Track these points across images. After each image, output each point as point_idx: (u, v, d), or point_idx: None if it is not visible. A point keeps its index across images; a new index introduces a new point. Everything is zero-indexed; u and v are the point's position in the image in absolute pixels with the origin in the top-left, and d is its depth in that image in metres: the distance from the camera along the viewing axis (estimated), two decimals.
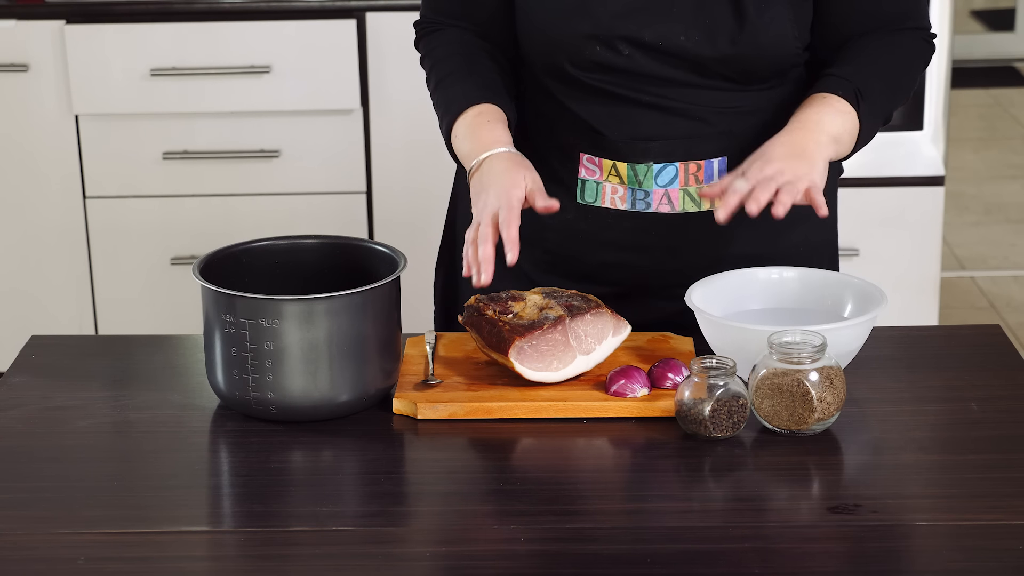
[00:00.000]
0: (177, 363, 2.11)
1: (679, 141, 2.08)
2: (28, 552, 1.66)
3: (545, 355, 1.95)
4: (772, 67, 2.07)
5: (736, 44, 2.02)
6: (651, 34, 2.02)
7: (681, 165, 2.08)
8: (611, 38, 2.03)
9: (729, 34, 2.02)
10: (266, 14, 3.62)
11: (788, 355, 1.85)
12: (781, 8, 2.03)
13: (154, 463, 1.85)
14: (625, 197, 2.10)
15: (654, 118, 2.07)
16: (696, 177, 2.08)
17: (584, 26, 2.03)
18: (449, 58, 2.15)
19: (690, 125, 2.07)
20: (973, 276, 4.83)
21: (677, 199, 2.09)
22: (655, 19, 2.02)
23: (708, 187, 1.99)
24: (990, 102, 6.59)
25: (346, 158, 3.71)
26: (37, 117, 3.67)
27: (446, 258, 2.33)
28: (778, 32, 2.04)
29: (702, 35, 2.02)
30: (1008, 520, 1.69)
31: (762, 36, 2.03)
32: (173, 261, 3.76)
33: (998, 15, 7.22)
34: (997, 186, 5.60)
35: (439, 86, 2.15)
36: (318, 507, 1.74)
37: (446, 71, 2.14)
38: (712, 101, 2.07)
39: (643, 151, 2.08)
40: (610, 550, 1.65)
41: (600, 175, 2.10)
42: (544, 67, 2.10)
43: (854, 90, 2.04)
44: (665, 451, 1.86)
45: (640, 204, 2.10)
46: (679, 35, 2.02)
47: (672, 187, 2.09)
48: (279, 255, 2.05)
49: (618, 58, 2.04)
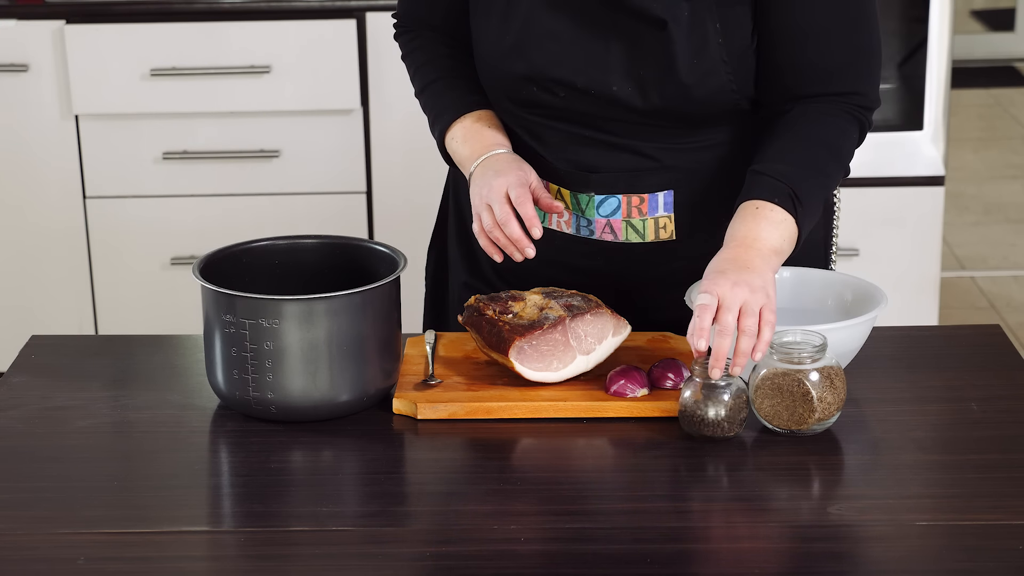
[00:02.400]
0: (177, 363, 2.11)
1: (622, 174, 2.05)
2: (28, 552, 1.66)
3: (545, 355, 1.95)
4: (708, 116, 2.01)
5: (666, 98, 1.98)
6: (583, 81, 2.00)
7: (624, 197, 2.05)
8: (545, 81, 2.02)
9: (659, 88, 1.97)
10: (266, 14, 3.62)
11: (788, 355, 1.85)
12: (716, 64, 1.96)
13: (154, 463, 1.85)
14: (570, 222, 2.09)
15: (597, 151, 2.05)
16: (639, 209, 2.05)
17: (519, 67, 2.03)
18: (433, 61, 2.17)
19: (634, 159, 2.04)
20: (973, 276, 4.83)
21: (620, 229, 2.07)
22: (589, 67, 1.99)
23: (694, 348, 1.84)
24: (990, 102, 6.59)
25: (346, 158, 3.71)
26: (37, 117, 3.67)
27: (435, 261, 2.33)
28: (713, 87, 1.97)
29: (633, 87, 1.98)
30: (1008, 520, 1.69)
31: (694, 91, 1.96)
32: (173, 261, 3.76)
33: (998, 15, 7.22)
34: (997, 186, 5.60)
35: (427, 89, 2.17)
36: (318, 507, 1.74)
37: (433, 75, 2.16)
38: (655, 137, 2.03)
39: (584, 181, 2.06)
40: (610, 550, 1.65)
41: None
42: (491, 95, 2.12)
43: (790, 195, 1.93)
44: (665, 451, 1.86)
45: (584, 231, 2.09)
46: (611, 85, 1.99)
47: (615, 217, 2.06)
48: (279, 255, 2.05)
49: (554, 99, 2.03)
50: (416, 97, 2.22)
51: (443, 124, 2.13)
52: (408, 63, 2.23)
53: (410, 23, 2.22)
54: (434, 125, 2.16)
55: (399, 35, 2.25)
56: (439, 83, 2.16)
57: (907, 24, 3.67)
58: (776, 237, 1.92)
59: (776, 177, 1.94)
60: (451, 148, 2.12)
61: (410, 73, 2.23)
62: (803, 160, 1.97)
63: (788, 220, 1.93)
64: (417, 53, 2.20)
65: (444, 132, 2.13)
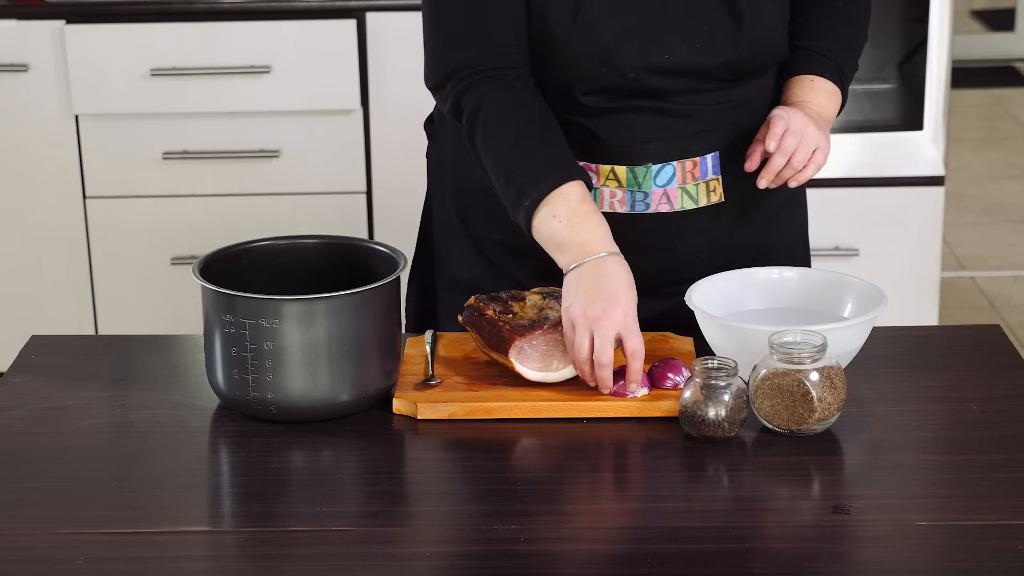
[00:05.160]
0: (177, 363, 2.11)
1: (676, 140, 2.08)
2: (28, 552, 1.66)
3: (545, 355, 1.95)
4: (766, 63, 2.11)
5: (735, 46, 2.04)
6: (656, 52, 2.02)
7: (678, 164, 2.09)
8: (617, 62, 2.02)
9: (728, 37, 2.03)
10: (266, 14, 3.62)
11: (788, 355, 1.85)
12: (771, 2, 2.06)
13: (154, 463, 1.85)
14: (624, 200, 2.09)
15: (652, 121, 2.07)
16: (692, 174, 2.10)
17: (591, 52, 2.01)
18: (521, 118, 1.99)
19: (685, 124, 2.08)
20: (973, 276, 4.83)
21: (676, 198, 2.09)
22: (656, 36, 2.02)
23: (751, 153, 2.06)
24: (990, 102, 6.58)
25: (346, 158, 3.71)
26: (37, 117, 3.67)
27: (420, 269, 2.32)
28: (771, 26, 2.06)
29: (702, 43, 2.03)
30: (1008, 520, 1.69)
31: (759, 32, 2.05)
32: (173, 261, 3.76)
33: (998, 15, 7.21)
34: (997, 186, 5.60)
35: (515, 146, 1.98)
36: (318, 507, 1.74)
37: (523, 131, 1.98)
38: (706, 100, 2.08)
39: (642, 153, 2.07)
40: (610, 550, 1.65)
41: (597, 180, 2.09)
42: (553, 90, 2.06)
43: (837, 70, 2.13)
44: (665, 451, 1.86)
45: (639, 206, 2.09)
46: (682, 46, 2.02)
47: (671, 186, 2.09)
48: (279, 255, 2.05)
49: (624, 80, 2.03)
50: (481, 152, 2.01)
51: (540, 193, 1.94)
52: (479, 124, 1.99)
53: (458, 71, 2.03)
54: (523, 193, 1.95)
55: (463, 93, 2.02)
56: (532, 141, 1.98)
57: (907, 24, 3.67)
58: (830, 107, 2.13)
59: (823, 53, 2.14)
60: (543, 223, 1.94)
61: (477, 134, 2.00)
62: (840, 36, 2.16)
63: (837, 93, 2.14)
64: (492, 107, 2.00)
65: (540, 201, 1.94)
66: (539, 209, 1.95)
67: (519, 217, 1.96)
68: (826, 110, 2.12)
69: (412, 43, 3.61)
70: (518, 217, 1.97)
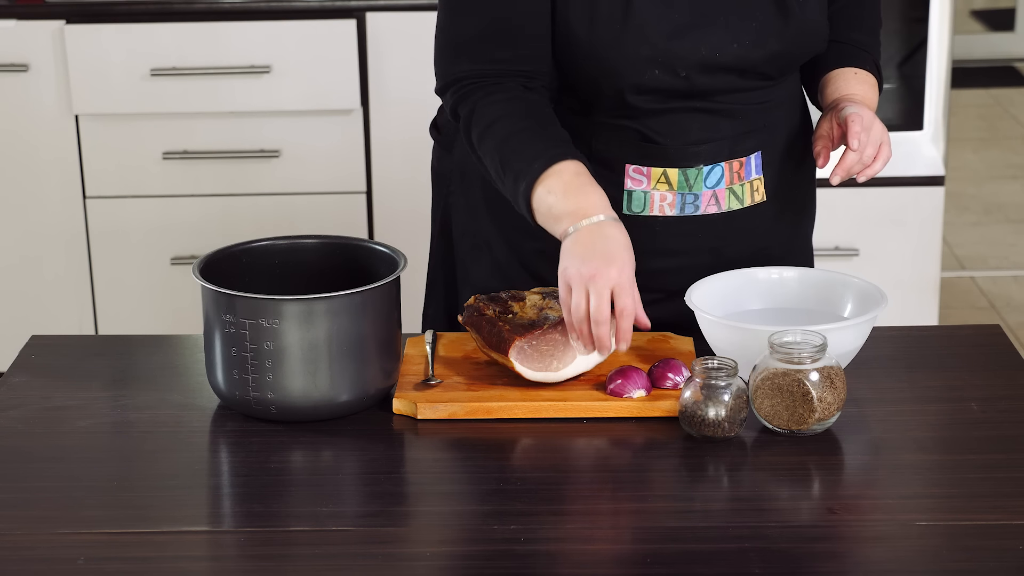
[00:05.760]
0: (177, 363, 2.11)
1: (724, 142, 2.09)
2: (28, 552, 1.66)
3: (545, 355, 1.95)
4: (808, 56, 2.14)
5: (784, 40, 2.06)
6: (707, 48, 2.03)
7: (726, 164, 2.10)
8: (669, 61, 2.02)
9: (777, 32, 2.05)
10: (266, 14, 3.62)
11: (788, 355, 1.85)
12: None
13: (154, 463, 1.85)
14: (674, 203, 2.10)
15: (702, 122, 2.08)
16: (739, 175, 2.11)
17: (643, 52, 2.01)
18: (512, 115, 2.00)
19: (732, 125, 2.09)
20: (973, 276, 4.83)
21: (724, 198, 2.11)
22: (707, 33, 2.03)
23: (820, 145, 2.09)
24: (990, 102, 6.58)
25: (346, 158, 3.71)
26: (37, 117, 3.67)
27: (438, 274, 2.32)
28: (816, 20, 2.09)
29: (751, 38, 2.04)
30: (1008, 520, 1.69)
31: (806, 26, 2.08)
32: (173, 261, 3.76)
33: (998, 15, 7.21)
34: (997, 186, 5.60)
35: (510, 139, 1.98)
36: (318, 507, 1.74)
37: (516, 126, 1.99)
38: (750, 99, 2.10)
39: (694, 155, 2.08)
40: (610, 550, 1.65)
41: (648, 184, 2.09)
42: (597, 94, 2.05)
43: (874, 62, 2.19)
44: (665, 451, 1.86)
45: (689, 208, 2.10)
46: (732, 43, 2.03)
47: (719, 187, 2.10)
48: (279, 255, 2.05)
49: (676, 80, 2.03)
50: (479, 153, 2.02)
51: (533, 174, 1.94)
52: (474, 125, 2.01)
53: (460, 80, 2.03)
54: (519, 178, 1.95)
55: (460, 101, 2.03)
56: (525, 133, 1.98)
57: (907, 24, 3.67)
58: (874, 98, 2.17)
59: (859, 46, 2.19)
60: (541, 201, 1.94)
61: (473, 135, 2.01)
62: (869, 28, 2.21)
63: (875, 84, 2.19)
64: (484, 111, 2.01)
65: (533, 184, 1.94)
66: (535, 189, 1.94)
67: (520, 204, 1.96)
68: (872, 101, 2.16)
69: (412, 43, 3.61)
70: (519, 204, 1.97)
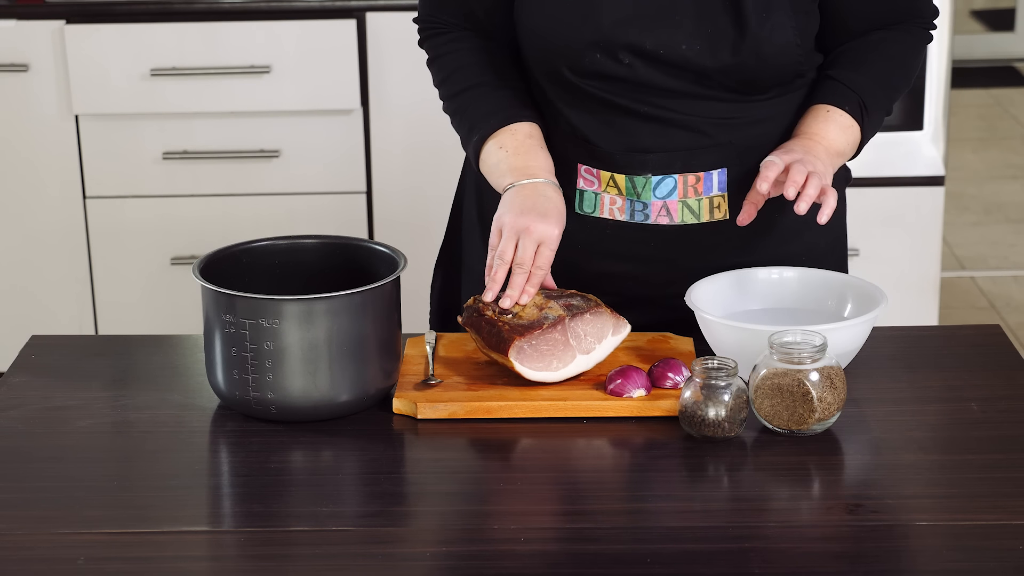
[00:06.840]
0: (177, 363, 2.11)
1: (678, 153, 2.05)
2: (28, 552, 1.66)
3: (545, 355, 1.95)
4: (774, 77, 2.05)
5: (737, 54, 2.00)
6: (652, 42, 2.00)
7: (680, 177, 2.06)
8: (612, 46, 2.01)
9: (730, 43, 2.00)
10: (266, 14, 3.62)
11: (789, 355, 1.85)
12: (784, 17, 2.00)
13: (154, 463, 1.85)
14: (624, 208, 2.08)
15: (653, 129, 2.05)
16: (695, 189, 2.06)
17: (585, 33, 2.01)
18: (473, 65, 2.11)
19: (689, 137, 2.05)
20: (973, 276, 4.83)
21: (676, 211, 2.07)
22: (657, 27, 2.00)
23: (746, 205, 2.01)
24: (990, 102, 6.59)
25: (346, 158, 3.71)
26: (37, 117, 3.67)
27: (447, 259, 2.32)
28: (780, 42, 2.01)
29: (703, 44, 2.00)
30: (1008, 520, 1.69)
31: (764, 46, 2.00)
32: (173, 261, 3.76)
33: (998, 15, 7.21)
34: (997, 186, 5.60)
35: (466, 92, 2.09)
36: (318, 507, 1.74)
37: (474, 79, 2.10)
38: (712, 112, 2.05)
39: (641, 163, 2.06)
40: (610, 550, 1.65)
41: (598, 186, 2.08)
42: (543, 72, 2.08)
43: (858, 103, 2.06)
44: (665, 451, 1.86)
45: (639, 215, 2.08)
46: (680, 44, 2.00)
47: (671, 199, 2.07)
48: (279, 255, 2.05)
49: (618, 67, 2.02)
50: (444, 101, 2.13)
51: (488, 128, 2.05)
52: (436, 68, 2.14)
53: (439, 22, 2.15)
54: (474, 127, 2.06)
55: (426, 38, 2.16)
56: (483, 87, 2.09)
57: None
58: (842, 141, 2.06)
59: (847, 84, 2.07)
60: (491, 154, 2.05)
61: (438, 79, 2.13)
62: (873, 71, 2.08)
63: (854, 127, 2.07)
64: (450, 57, 2.13)
65: (487, 136, 2.05)
66: (487, 142, 2.06)
67: (469, 150, 2.08)
68: (835, 143, 2.05)
69: (412, 43, 3.59)
70: (468, 150, 2.08)
